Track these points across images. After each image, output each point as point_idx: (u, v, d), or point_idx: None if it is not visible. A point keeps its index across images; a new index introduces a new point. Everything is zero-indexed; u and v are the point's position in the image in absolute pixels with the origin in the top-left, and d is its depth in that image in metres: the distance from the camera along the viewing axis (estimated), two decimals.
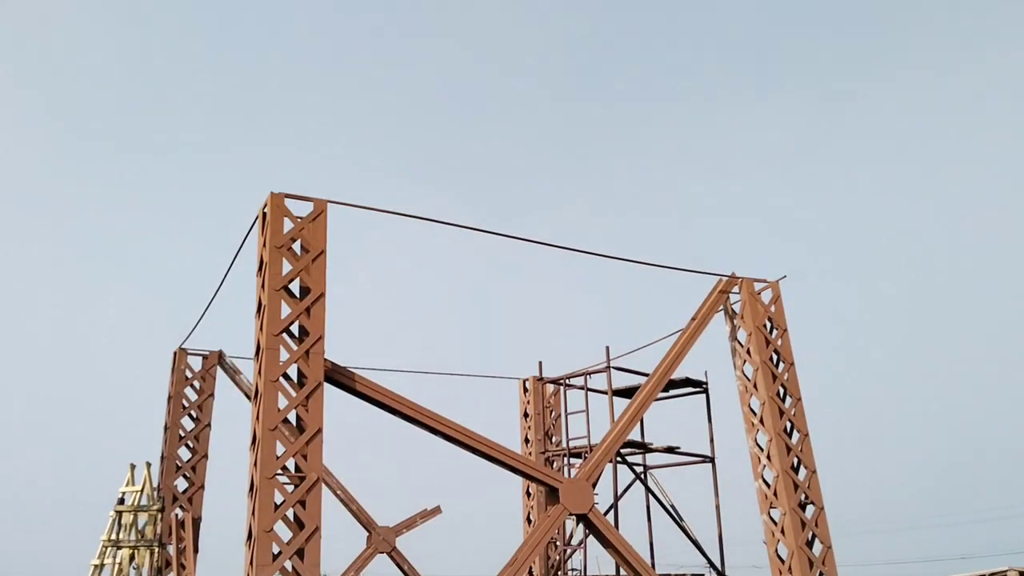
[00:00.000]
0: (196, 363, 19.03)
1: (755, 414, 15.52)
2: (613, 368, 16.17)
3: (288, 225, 11.92)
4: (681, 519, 16.47)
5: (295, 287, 11.85)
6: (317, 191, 12.07)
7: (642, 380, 15.90)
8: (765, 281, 16.21)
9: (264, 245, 11.88)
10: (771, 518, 15.03)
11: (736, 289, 16.08)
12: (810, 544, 14.77)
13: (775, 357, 15.76)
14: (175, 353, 18.79)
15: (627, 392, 16.85)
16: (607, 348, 16.09)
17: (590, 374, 16.52)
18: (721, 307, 16.16)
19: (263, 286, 11.71)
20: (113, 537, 14.41)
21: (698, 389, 17.17)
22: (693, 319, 15.76)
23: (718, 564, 16.15)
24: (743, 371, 15.90)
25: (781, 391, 15.55)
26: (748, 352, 15.73)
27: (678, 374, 15.87)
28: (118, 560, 14.90)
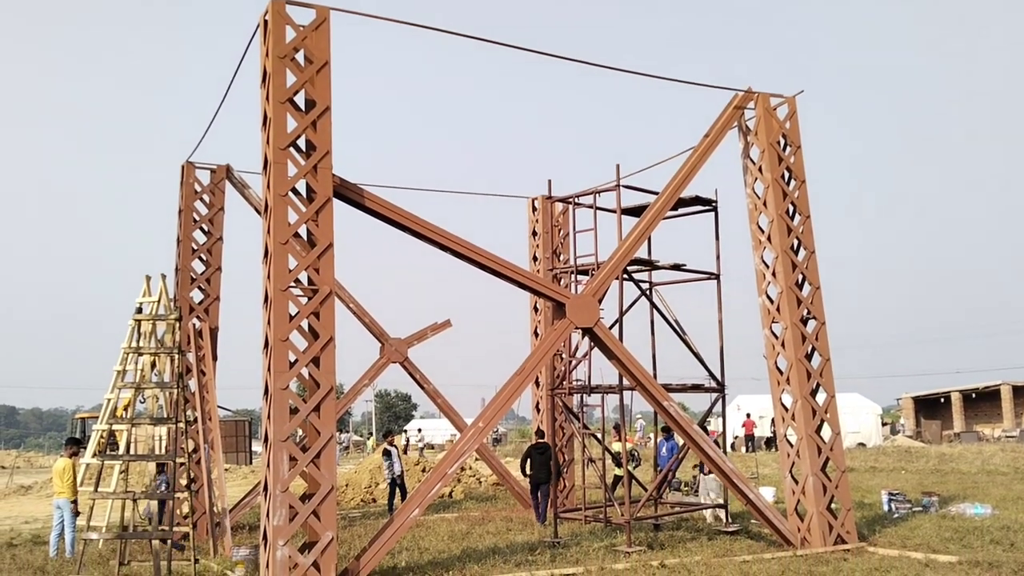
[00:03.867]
0: (204, 177, 18.94)
1: (763, 232, 15.55)
2: (623, 186, 16.02)
3: (291, 34, 11.51)
4: (684, 333, 16.86)
5: (300, 100, 11.60)
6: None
7: (652, 199, 15.83)
8: (781, 96, 15.77)
9: (267, 55, 11.52)
10: (772, 332, 15.39)
11: (751, 105, 15.69)
12: (809, 357, 15.19)
13: (787, 175, 15.60)
14: (183, 167, 18.68)
15: (636, 211, 16.79)
16: (617, 166, 15.87)
17: (599, 192, 16.38)
18: (735, 123, 15.83)
19: (267, 98, 11.46)
20: (134, 345, 14.89)
21: (707, 207, 17.09)
22: (706, 136, 15.48)
23: (718, 376, 16.69)
24: (754, 189, 15.79)
25: (791, 209, 15.50)
26: (760, 170, 15.56)
27: (688, 192, 15.76)
28: (140, 366, 15.47)
